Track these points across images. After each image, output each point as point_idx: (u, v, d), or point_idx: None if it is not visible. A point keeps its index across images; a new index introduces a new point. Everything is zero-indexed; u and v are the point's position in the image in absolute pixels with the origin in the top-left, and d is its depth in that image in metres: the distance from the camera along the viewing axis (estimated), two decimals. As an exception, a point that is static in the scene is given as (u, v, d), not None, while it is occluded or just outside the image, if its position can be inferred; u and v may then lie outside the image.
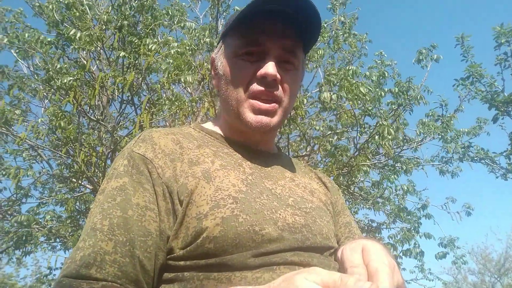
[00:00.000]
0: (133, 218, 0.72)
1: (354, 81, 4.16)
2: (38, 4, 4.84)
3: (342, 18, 5.72)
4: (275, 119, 0.87)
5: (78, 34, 3.73)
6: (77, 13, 3.91)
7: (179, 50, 4.02)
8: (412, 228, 5.67)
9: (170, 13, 4.37)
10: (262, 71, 0.84)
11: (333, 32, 5.45)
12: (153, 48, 3.83)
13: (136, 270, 0.70)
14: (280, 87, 0.86)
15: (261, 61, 0.85)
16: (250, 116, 0.85)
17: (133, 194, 0.74)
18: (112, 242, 0.69)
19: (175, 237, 0.74)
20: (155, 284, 0.74)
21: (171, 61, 4.01)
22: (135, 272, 0.69)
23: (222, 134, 0.93)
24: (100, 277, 0.66)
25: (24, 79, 5.06)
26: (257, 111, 0.85)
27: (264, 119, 0.85)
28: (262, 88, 0.84)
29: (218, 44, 0.98)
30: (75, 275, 0.66)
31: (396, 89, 4.72)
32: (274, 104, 0.86)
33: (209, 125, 0.98)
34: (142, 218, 0.73)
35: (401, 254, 5.72)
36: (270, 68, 0.83)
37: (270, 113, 0.86)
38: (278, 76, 0.84)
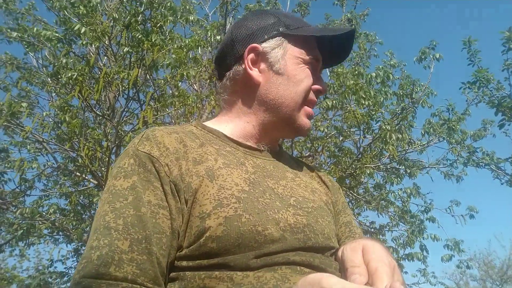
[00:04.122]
0: (147, 215, 0.71)
1: (358, 83, 4.16)
2: None
3: (349, 15, 5.72)
4: None
5: (83, 30, 3.74)
6: (84, 11, 3.91)
7: (182, 44, 4.04)
8: (417, 231, 5.65)
9: (172, 6, 4.36)
10: (321, 86, 0.95)
11: None
12: (156, 42, 3.83)
13: (154, 267, 0.69)
14: None
15: (315, 73, 0.94)
16: (305, 121, 0.93)
17: (143, 192, 0.74)
18: (128, 241, 0.68)
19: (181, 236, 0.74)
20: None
21: (174, 55, 4.03)
22: (153, 270, 0.69)
23: (223, 132, 0.92)
24: (120, 275, 0.65)
25: (33, 72, 5.09)
26: (309, 117, 0.94)
27: (310, 124, 0.97)
28: (316, 99, 0.95)
29: (271, 37, 0.92)
30: (95, 275, 0.65)
31: (401, 91, 4.73)
32: None
33: (210, 124, 0.96)
34: (156, 216, 0.72)
35: (403, 257, 5.70)
36: (324, 84, 0.96)
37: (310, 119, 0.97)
38: None
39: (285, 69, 0.90)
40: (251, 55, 0.91)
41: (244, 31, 0.93)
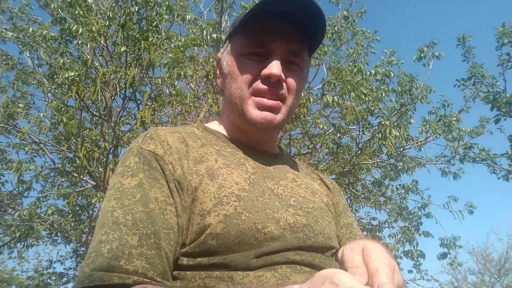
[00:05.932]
0: (155, 211, 0.72)
1: (356, 80, 4.17)
2: None
3: (345, 13, 5.71)
4: (279, 117, 0.88)
5: (80, 30, 3.72)
6: (81, 11, 3.89)
7: (179, 43, 4.02)
8: (412, 227, 5.68)
9: (169, 5, 4.33)
10: (266, 71, 0.85)
11: (336, 28, 5.44)
12: (153, 42, 3.81)
13: (163, 261, 0.69)
14: (284, 86, 0.88)
15: (266, 61, 0.86)
16: (255, 113, 0.86)
17: (150, 189, 0.74)
18: (137, 236, 0.68)
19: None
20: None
21: (171, 55, 4.02)
22: (162, 264, 0.69)
23: (224, 133, 0.94)
24: (130, 269, 0.65)
25: (29, 72, 5.05)
26: (261, 107, 0.86)
27: (268, 115, 0.86)
28: (266, 87, 0.86)
29: (224, 44, 0.99)
30: (106, 268, 0.65)
31: (399, 88, 4.74)
32: (278, 101, 0.87)
33: (211, 125, 0.99)
34: (164, 212, 0.73)
35: (402, 255, 5.72)
36: (274, 68, 0.84)
37: (274, 110, 0.87)
38: (283, 76, 0.86)
39: (228, 68, 0.93)
40: (220, 66, 0.98)
41: None
